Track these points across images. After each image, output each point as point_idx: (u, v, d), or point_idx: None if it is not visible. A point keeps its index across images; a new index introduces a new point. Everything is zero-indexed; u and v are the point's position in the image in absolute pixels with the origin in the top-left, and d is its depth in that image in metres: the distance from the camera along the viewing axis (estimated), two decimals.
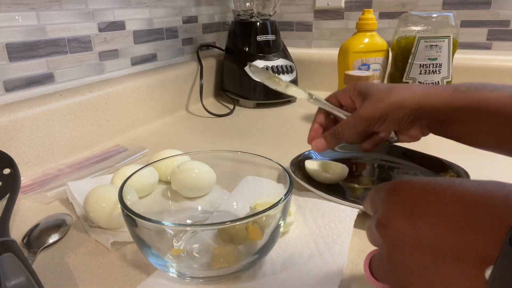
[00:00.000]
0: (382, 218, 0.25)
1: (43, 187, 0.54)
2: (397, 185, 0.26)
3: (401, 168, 0.58)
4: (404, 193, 0.25)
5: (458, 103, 0.38)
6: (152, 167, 0.45)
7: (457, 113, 0.38)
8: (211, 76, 1.05)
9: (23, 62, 0.62)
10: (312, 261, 0.38)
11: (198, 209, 0.47)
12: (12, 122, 0.56)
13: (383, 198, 0.26)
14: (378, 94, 0.42)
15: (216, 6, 1.11)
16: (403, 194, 0.25)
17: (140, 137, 0.76)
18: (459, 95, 0.38)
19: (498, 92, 0.37)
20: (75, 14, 0.69)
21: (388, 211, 0.25)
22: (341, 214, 0.45)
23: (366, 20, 0.77)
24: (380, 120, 0.41)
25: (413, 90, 0.41)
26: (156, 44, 0.90)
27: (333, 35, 1.12)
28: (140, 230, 0.34)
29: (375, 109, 0.41)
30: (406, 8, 1.01)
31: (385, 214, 0.25)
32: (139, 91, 0.79)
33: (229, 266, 0.35)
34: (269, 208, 0.33)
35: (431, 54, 0.73)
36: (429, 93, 0.40)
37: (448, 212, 0.22)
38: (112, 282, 0.36)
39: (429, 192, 0.24)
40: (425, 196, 0.23)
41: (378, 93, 0.42)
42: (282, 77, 0.94)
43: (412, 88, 0.41)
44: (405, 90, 0.41)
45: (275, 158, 0.43)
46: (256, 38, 0.96)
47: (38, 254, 0.40)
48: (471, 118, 0.38)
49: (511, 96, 0.36)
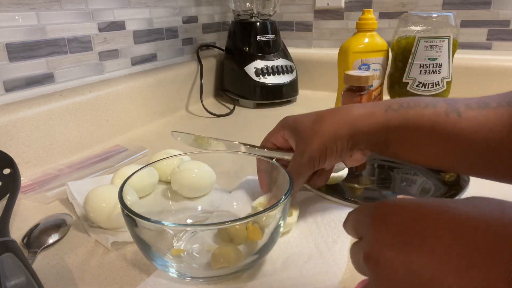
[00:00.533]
0: (370, 251, 0.22)
1: (43, 187, 0.54)
2: (383, 210, 0.23)
3: (401, 168, 0.58)
4: (392, 220, 0.22)
5: (391, 123, 0.37)
6: (152, 167, 0.45)
7: (391, 133, 0.37)
8: (211, 76, 1.05)
9: (23, 62, 0.62)
10: (312, 261, 0.38)
11: (198, 209, 0.47)
12: (12, 122, 0.56)
13: (369, 225, 0.23)
14: (309, 132, 0.40)
15: (216, 6, 1.11)
16: (392, 221, 0.22)
17: (140, 137, 0.76)
18: (391, 114, 0.37)
19: (432, 109, 0.36)
20: (75, 14, 0.69)
21: (376, 242, 0.22)
22: (341, 214, 0.45)
23: (366, 20, 0.77)
24: (321, 159, 0.40)
25: (341, 117, 0.39)
26: (156, 44, 0.90)
27: (333, 35, 1.12)
28: (140, 230, 0.34)
29: (312, 151, 0.39)
30: (406, 8, 1.01)
31: (372, 246, 0.22)
32: (139, 91, 0.79)
33: (229, 266, 0.35)
34: (269, 208, 0.33)
35: (431, 54, 0.72)
36: (360, 116, 0.38)
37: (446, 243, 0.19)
38: (112, 282, 0.36)
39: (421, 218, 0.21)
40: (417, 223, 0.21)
41: (309, 131, 0.40)
42: (276, 78, 0.95)
43: (340, 115, 0.39)
44: (334, 119, 0.39)
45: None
46: (256, 38, 0.96)
47: (38, 254, 0.40)
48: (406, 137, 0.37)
49: (445, 113, 0.35)
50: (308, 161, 0.40)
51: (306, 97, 1.02)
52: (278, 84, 0.95)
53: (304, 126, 0.41)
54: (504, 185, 0.54)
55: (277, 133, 0.45)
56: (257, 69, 0.94)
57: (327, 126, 0.39)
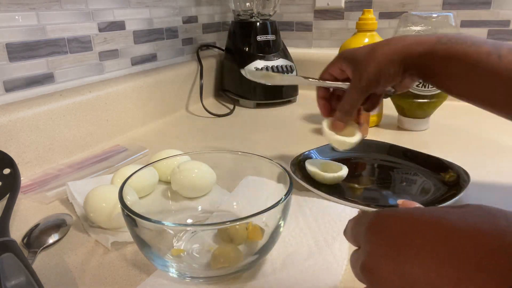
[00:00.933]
0: (366, 261, 0.23)
1: (43, 187, 0.54)
2: (379, 220, 0.24)
3: (401, 168, 0.58)
4: (387, 231, 0.23)
5: (438, 54, 0.40)
6: (152, 167, 0.45)
7: (438, 63, 0.41)
8: (211, 76, 1.05)
9: (23, 62, 0.62)
10: (312, 258, 0.38)
11: (198, 209, 0.47)
12: (12, 122, 0.56)
13: (365, 236, 0.24)
14: (364, 58, 0.44)
15: (216, 6, 1.11)
16: (387, 233, 0.23)
17: (140, 137, 0.76)
18: (439, 46, 0.41)
19: (476, 47, 0.39)
20: (75, 14, 0.69)
21: (372, 252, 0.23)
22: (341, 213, 0.45)
23: (366, 20, 0.77)
24: (376, 81, 0.44)
25: (394, 44, 0.43)
26: (156, 44, 0.90)
27: (333, 35, 1.12)
28: (140, 230, 0.34)
29: (368, 74, 0.44)
30: (406, 8, 1.01)
31: (368, 257, 0.23)
32: (139, 91, 0.79)
33: (229, 266, 0.35)
34: (269, 208, 0.33)
35: None
36: (412, 43, 0.42)
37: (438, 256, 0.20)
38: (112, 282, 0.36)
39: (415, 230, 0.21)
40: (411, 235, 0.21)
41: (365, 57, 0.44)
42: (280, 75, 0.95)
43: (393, 43, 0.43)
44: (388, 47, 0.43)
45: (275, 158, 0.43)
46: (256, 38, 0.96)
47: (38, 254, 0.40)
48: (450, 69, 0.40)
49: (487, 54, 0.38)
50: (365, 83, 0.44)
51: (306, 97, 1.02)
52: (278, 84, 0.95)
53: (360, 54, 0.45)
54: (502, 186, 0.54)
55: (335, 65, 0.49)
56: (257, 69, 0.94)
57: (381, 52, 0.43)
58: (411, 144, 0.62)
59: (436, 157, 0.57)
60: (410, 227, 0.22)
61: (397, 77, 0.44)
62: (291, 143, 0.71)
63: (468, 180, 0.49)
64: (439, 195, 0.49)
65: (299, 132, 0.78)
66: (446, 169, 0.54)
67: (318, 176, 0.53)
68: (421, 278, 0.20)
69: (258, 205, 0.35)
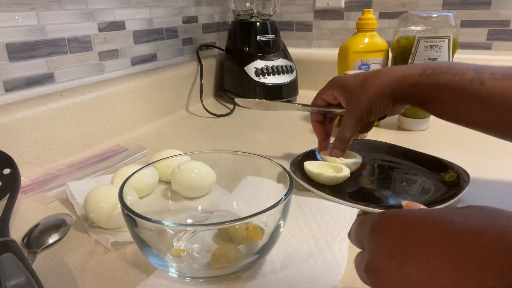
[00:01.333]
0: (370, 262, 0.23)
1: (43, 187, 0.54)
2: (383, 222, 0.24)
3: (401, 168, 0.58)
4: (389, 232, 0.23)
5: (424, 86, 0.44)
6: (152, 167, 0.45)
7: (425, 93, 0.44)
8: (211, 76, 1.05)
9: (23, 62, 0.62)
10: (311, 258, 0.38)
11: (198, 209, 0.47)
12: (12, 122, 0.56)
13: (369, 237, 0.24)
14: (357, 91, 0.48)
15: (216, 6, 1.11)
16: (390, 234, 0.23)
17: (140, 137, 0.76)
18: (425, 78, 0.44)
19: (460, 76, 0.42)
20: (75, 14, 0.69)
21: (375, 254, 0.23)
22: (341, 213, 0.45)
23: (366, 20, 0.77)
24: (369, 113, 0.48)
25: (384, 78, 0.46)
26: (156, 44, 0.90)
27: (333, 35, 1.12)
28: (140, 230, 0.34)
29: (361, 107, 0.47)
30: (406, 8, 1.01)
31: (372, 259, 0.23)
32: (139, 91, 0.79)
33: (229, 266, 0.35)
34: (269, 208, 0.33)
35: (431, 54, 0.72)
36: (399, 78, 0.45)
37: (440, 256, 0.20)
38: (112, 282, 0.36)
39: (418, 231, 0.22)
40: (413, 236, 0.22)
41: (357, 90, 0.48)
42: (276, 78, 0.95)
43: (382, 76, 0.46)
44: (379, 81, 0.46)
45: (275, 158, 0.43)
46: (256, 38, 0.96)
47: (38, 254, 0.40)
48: (437, 97, 0.43)
49: (470, 81, 0.41)
50: (360, 115, 0.48)
51: (306, 97, 1.02)
52: (278, 84, 0.95)
53: (352, 86, 0.49)
54: (502, 186, 0.54)
55: (327, 91, 0.53)
56: (257, 69, 0.94)
57: (372, 87, 0.46)
58: (411, 144, 0.62)
59: (436, 157, 0.57)
60: (412, 228, 0.22)
61: (388, 108, 0.47)
62: (291, 143, 0.71)
63: (468, 180, 0.49)
64: (439, 195, 0.49)
65: (299, 132, 0.78)
66: (446, 169, 0.54)
67: (318, 178, 0.52)
68: (423, 278, 0.20)
69: (258, 205, 0.35)
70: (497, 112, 0.40)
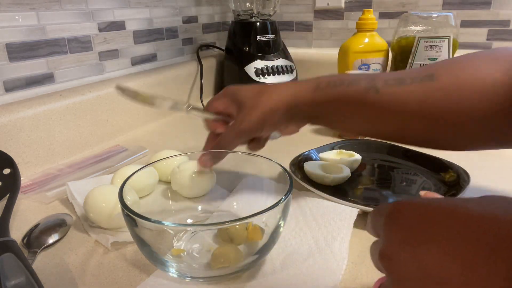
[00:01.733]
0: (384, 249, 0.23)
1: (43, 187, 0.54)
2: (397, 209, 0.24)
3: (401, 168, 0.58)
4: (403, 219, 0.23)
5: (319, 101, 0.42)
6: (152, 167, 0.45)
7: (320, 108, 0.42)
8: (211, 76, 1.05)
9: (23, 62, 0.62)
10: (311, 258, 0.38)
11: (198, 209, 0.47)
12: (12, 122, 0.56)
13: (383, 225, 0.24)
14: (250, 103, 0.44)
15: (216, 6, 1.11)
16: (403, 220, 0.23)
17: (140, 137, 0.76)
18: (319, 93, 0.42)
19: (354, 86, 0.40)
20: (75, 14, 0.69)
21: (389, 241, 0.23)
22: (341, 213, 0.45)
23: (366, 20, 0.77)
24: (259, 128, 0.44)
25: (280, 93, 0.43)
26: (156, 44, 0.90)
27: (333, 35, 1.12)
28: (140, 230, 0.34)
29: (251, 120, 0.43)
30: (406, 8, 1.01)
31: (386, 245, 0.23)
32: None
33: (229, 266, 0.35)
34: (269, 208, 0.33)
35: (431, 54, 0.73)
36: (295, 93, 0.43)
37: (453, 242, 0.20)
38: (112, 282, 0.36)
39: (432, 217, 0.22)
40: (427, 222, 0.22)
41: (250, 101, 0.44)
42: (276, 78, 0.95)
43: (279, 91, 0.44)
44: (274, 95, 0.43)
45: (275, 158, 0.43)
46: (256, 38, 0.96)
47: (38, 254, 0.40)
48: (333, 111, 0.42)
49: (365, 90, 0.39)
50: (247, 128, 0.44)
51: None
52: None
53: (245, 97, 0.45)
54: (502, 186, 0.54)
55: (219, 99, 0.49)
56: (257, 69, 0.94)
57: (266, 100, 0.43)
58: None
59: (436, 157, 0.57)
60: (427, 214, 0.22)
61: (281, 124, 0.45)
62: (291, 143, 0.71)
63: (468, 180, 0.49)
64: None
65: (299, 132, 0.77)
66: (446, 169, 0.54)
67: (318, 178, 0.52)
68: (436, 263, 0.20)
69: (258, 205, 0.35)
70: (400, 120, 0.39)
